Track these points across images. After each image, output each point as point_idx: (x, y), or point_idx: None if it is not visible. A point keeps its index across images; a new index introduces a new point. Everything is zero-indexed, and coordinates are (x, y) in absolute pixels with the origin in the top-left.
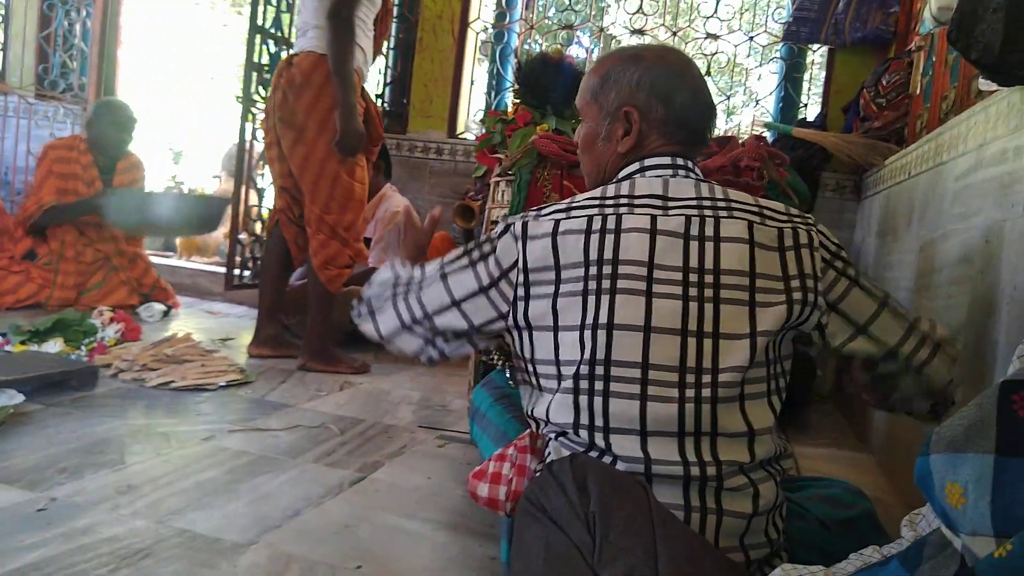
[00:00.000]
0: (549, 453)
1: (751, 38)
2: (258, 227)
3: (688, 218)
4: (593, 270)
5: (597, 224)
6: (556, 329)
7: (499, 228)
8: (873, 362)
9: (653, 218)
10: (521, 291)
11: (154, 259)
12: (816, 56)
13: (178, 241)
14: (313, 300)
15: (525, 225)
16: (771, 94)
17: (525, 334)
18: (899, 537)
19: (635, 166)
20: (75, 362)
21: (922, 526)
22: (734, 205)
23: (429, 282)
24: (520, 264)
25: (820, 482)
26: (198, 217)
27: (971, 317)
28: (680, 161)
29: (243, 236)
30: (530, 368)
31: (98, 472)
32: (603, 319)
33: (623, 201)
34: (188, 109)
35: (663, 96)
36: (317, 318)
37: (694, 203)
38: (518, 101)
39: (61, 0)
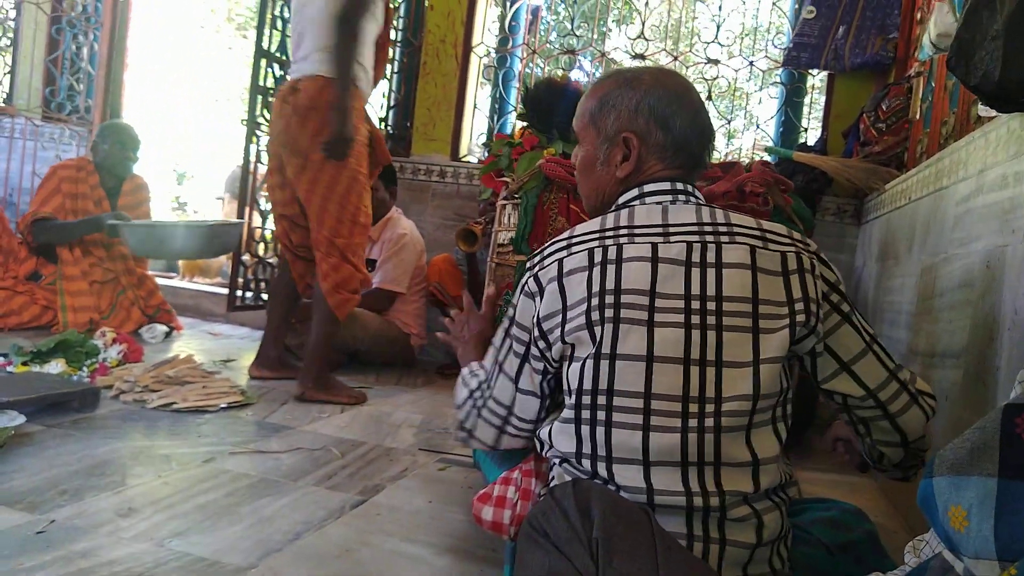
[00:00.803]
0: (553, 478)
1: (751, 63)
2: (261, 249)
3: (690, 245)
4: (595, 301)
5: (598, 256)
6: (571, 360)
7: (518, 291)
8: (848, 404)
9: (654, 246)
10: (542, 343)
11: (156, 280)
12: (816, 81)
13: (181, 262)
14: (318, 325)
15: (537, 279)
16: (772, 118)
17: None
18: (902, 563)
19: (634, 192)
20: (76, 383)
21: (925, 552)
22: (736, 229)
23: (493, 379)
24: (534, 320)
25: (820, 504)
26: (211, 244)
27: (972, 341)
28: (680, 186)
29: (246, 257)
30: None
31: (98, 494)
32: (606, 349)
33: (623, 232)
34: (193, 131)
35: (662, 121)
36: (319, 344)
37: (695, 229)
38: (524, 125)
39: (69, 24)
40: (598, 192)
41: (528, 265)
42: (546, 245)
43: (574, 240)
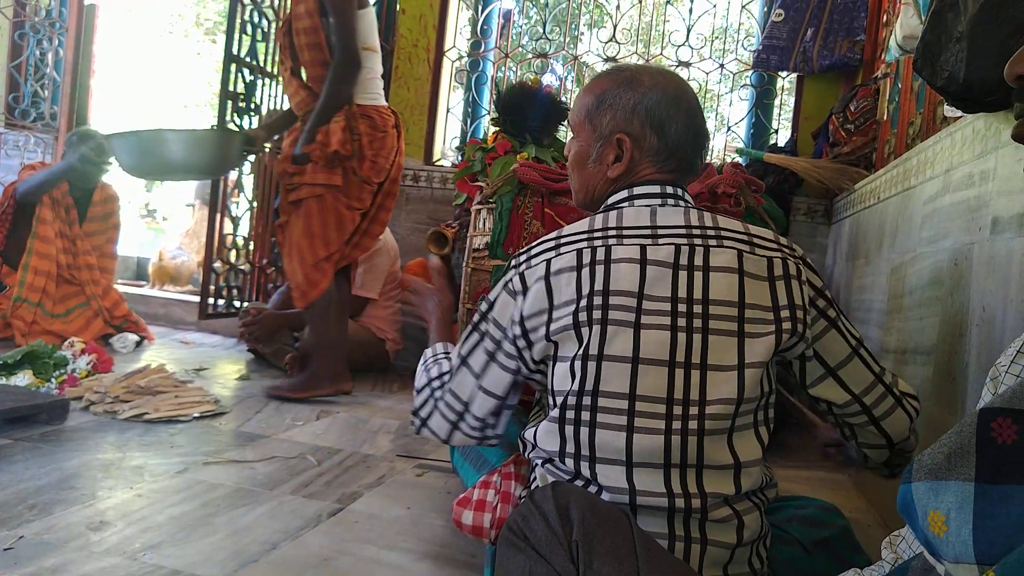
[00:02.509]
0: (534, 479)
1: (722, 65)
2: (232, 255)
3: (678, 247)
4: (584, 302)
5: (587, 257)
6: (555, 359)
7: (498, 287)
8: (832, 407)
9: (643, 248)
10: (522, 342)
11: (126, 288)
12: (785, 83)
13: (150, 270)
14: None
15: (523, 277)
16: (742, 120)
17: (543, 370)
18: (878, 557)
19: (624, 194)
20: (45, 395)
21: (902, 548)
22: (724, 234)
23: (455, 371)
24: (516, 317)
25: (796, 501)
26: (208, 155)
27: (942, 338)
28: (669, 189)
29: (217, 264)
30: (549, 400)
31: (69, 508)
32: (593, 350)
33: (612, 233)
34: None
35: (657, 126)
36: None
37: (683, 232)
38: (497, 129)
39: (33, 29)
40: (588, 189)
41: (514, 263)
42: (533, 244)
43: (563, 241)
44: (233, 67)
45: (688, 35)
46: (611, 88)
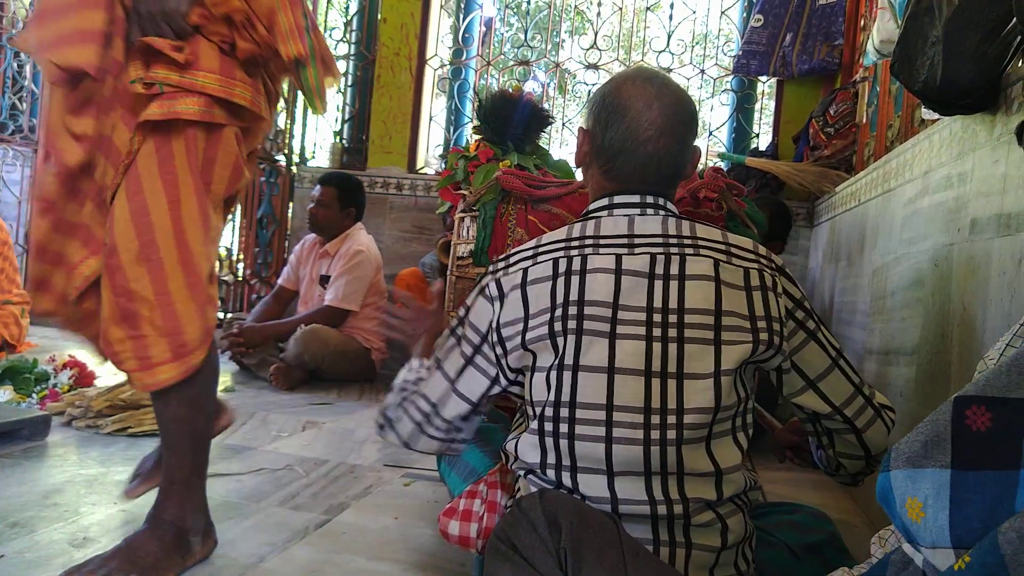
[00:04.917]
0: (519, 489)
1: (702, 71)
2: (217, 266)
3: (653, 256)
4: (559, 312)
5: (563, 267)
6: (533, 370)
7: (474, 292)
8: (817, 417)
9: (618, 258)
10: (499, 349)
11: None
12: (766, 87)
13: None
14: None
15: (499, 284)
16: (723, 125)
17: (520, 380)
18: (868, 556)
19: (604, 202)
20: (25, 410)
21: (891, 541)
22: (701, 243)
23: (429, 374)
24: (494, 324)
25: (784, 507)
26: None
27: (924, 338)
28: (650, 199)
29: None
30: (529, 411)
31: (51, 525)
32: (568, 360)
33: (588, 242)
34: None
35: (602, 124)
36: None
37: (660, 240)
38: (479, 137)
39: (10, 41)
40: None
41: (491, 269)
42: (512, 252)
43: (540, 250)
44: None
45: (668, 41)
46: (601, 86)
